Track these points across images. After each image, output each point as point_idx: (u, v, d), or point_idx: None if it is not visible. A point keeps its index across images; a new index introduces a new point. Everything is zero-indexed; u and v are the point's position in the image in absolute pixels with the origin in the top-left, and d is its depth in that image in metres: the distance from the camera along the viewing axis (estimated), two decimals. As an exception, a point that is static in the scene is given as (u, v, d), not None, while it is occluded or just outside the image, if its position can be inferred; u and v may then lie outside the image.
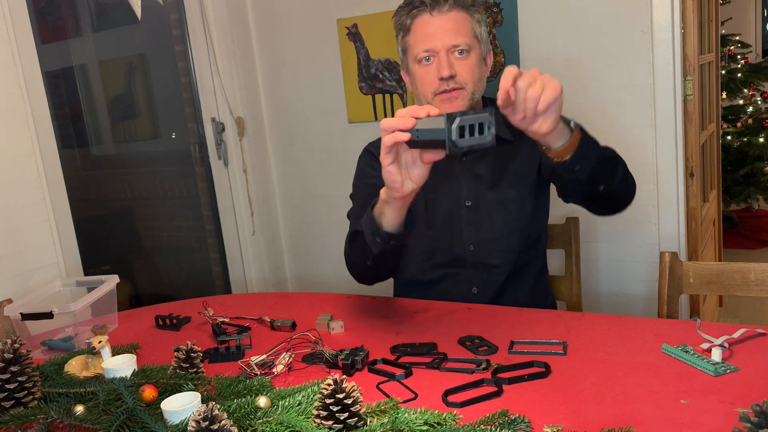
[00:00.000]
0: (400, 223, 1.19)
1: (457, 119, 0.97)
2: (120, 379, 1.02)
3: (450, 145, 0.98)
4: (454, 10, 1.40)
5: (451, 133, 0.97)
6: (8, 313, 1.43)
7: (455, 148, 0.98)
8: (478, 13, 1.45)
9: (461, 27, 1.41)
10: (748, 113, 4.51)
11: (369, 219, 1.23)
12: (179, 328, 1.46)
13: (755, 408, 0.71)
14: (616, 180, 1.31)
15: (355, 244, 1.35)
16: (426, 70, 1.42)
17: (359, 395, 0.87)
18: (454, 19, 1.40)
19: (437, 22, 1.40)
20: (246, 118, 2.80)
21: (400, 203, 1.15)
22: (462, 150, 0.99)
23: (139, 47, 3.33)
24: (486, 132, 0.99)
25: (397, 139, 1.04)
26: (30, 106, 2.05)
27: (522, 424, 0.86)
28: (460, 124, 0.97)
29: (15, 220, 2.01)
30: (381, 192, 1.18)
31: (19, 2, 2.04)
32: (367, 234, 1.24)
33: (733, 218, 4.59)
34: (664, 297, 1.47)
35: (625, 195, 1.38)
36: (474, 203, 1.52)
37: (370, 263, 1.32)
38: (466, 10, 1.42)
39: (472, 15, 1.43)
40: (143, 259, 3.66)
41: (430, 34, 1.41)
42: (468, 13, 1.42)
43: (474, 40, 1.43)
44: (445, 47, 1.39)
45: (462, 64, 1.40)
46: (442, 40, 1.39)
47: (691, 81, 2.20)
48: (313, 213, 2.89)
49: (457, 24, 1.40)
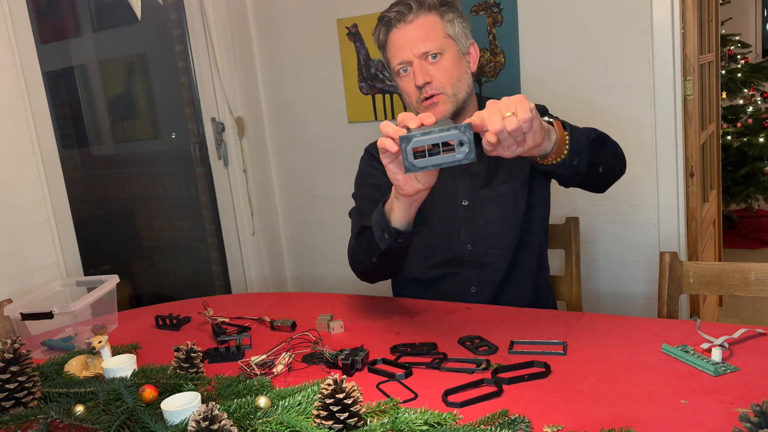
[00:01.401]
0: (409, 221, 1.20)
1: (412, 140, 0.95)
2: (120, 379, 1.02)
3: (408, 164, 0.96)
4: (421, 15, 1.41)
5: (406, 153, 0.95)
6: (8, 313, 1.43)
7: (413, 168, 0.96)
8: (450, 12, 1.44)
9: (430, 32, 1.41)
10: (748, 113, 4.51)
11: (379, 215, 1.23)
12: (179, 328, 1.47)
13: (755, 408, 0.71)
14: (610, 157, 1.33)
15: (362, 239, 1.36)
16: (406, 81, 1.44)
17: (359, 395, 0.87)
18: (421, 25, 1.41)
19: (406, 33, 1.41)
20: (246, 118, 2.80)
21: (408, 201, 1.15)
22: (420, 170, 0.97)
23: (139, 47, 3.33)
24: (457, 149, 0.96)
25: (385, 146, 1.04)
26: (30, 106, 2.05)
27: (522, 424, 0.86)
28: (414, 145, 0.95)
29: (15, 220, 2.01)
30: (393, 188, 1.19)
31: (19, 2, 2.04)
32: (376, 229, 1.25)
33: (733, 218, 4.59)
34: (664, 297, 1.47)
35: (620, 164, 1.40)
36: (470, 202, 1.52)
37: (376, 260, 1.32)
38: (434, 12, 1.42)
39: (442, 15, 1.42)
40: (143, 259, 3.66)
41: (401, 46, 1.42)
42: (437, 13, 1.42)
43: (446, 40, 1.42)
44: (416, 55, 1.40)
45: (436, 68, 1.41)
46: (412, 49, 1.40)
47: (691, 81, 2.20)
48: (313, 213, 2.89)
49: (426, 30, 1.41)
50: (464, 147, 0.96)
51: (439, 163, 0.97)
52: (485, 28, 2.33)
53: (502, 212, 1.51)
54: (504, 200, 1.51)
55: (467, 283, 1.54)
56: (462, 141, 0.95)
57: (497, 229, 1.51)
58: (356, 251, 1.41)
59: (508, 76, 2.33)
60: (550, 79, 2.27)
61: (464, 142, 0.95)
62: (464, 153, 0.96)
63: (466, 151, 0.96)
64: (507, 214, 1.51)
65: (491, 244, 1.52)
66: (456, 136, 0.95)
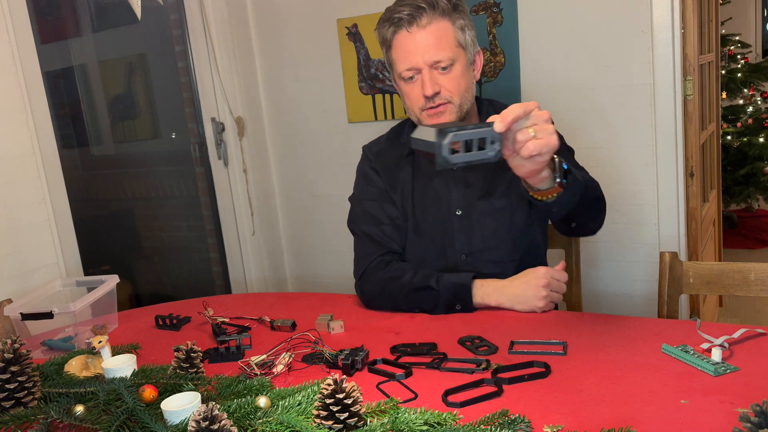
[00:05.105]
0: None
1: (449, 135, 0.95)
2: (120, 379, 1.02)
3: (441, 161, 0.96)
4: (434, 21, 1.36)
5: (441, 148, 0.95)
6: (8, 313, 1.43)
7: (447, 164, 0.96)
8: (461, 18, 1.40)
9: (442, 40, 1.36)
10: (748, 113, 4.51)
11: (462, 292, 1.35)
12: (179, 328, 1.46)
13: (755, 408, 0.71)
14: (590, 220, 1.35)
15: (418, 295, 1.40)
16: (411, 87, 1.41)
17: (359, 395, 0.87)
18: (434, 32, 1.36)
19: (417, 38, 1.37)
20: (246, 118, 2.80)
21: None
22: (456, 166, 0.97)
23: (139, 47, 3.33)
24: (488, 147, 0.98)
25: None
26: (30, 106, 2.05)
27: (522, 424, 0.86)
28: (452, 140, 0.95)
29: (15, 220, 2.01)
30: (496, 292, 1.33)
31: (19, 2, 2.04)
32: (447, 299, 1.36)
33: (733, 218, 4.59)
34: (664, 297, 1.47)
35: (596, 227, 1.41)
36: (464, 212, 1.49)
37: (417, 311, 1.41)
38: (447, 18, 1.37)
39: (454, 22, 1.38)
40: (143, 259, 3.66)
41: (410, 52, 1.37)
42: (449, 20, 1.37)
43: (458, 50, 1.39)
44: (427, 64, 1.37)
45: (446, 78, 1.38)
46: (423, 57, 1.36)
47: (691, 81, 2.20)
48: (313, 213, 2.89)
49: (438, 38, 1.36)
50: (495, 144, 0.99)
51: (471, 160, 0.98)
52: (485, 28, 2.33)
53: (498, 226, 1.47)
54: (500, 214, 1.47)
55: None
56: (494, 139, 0.98)
57: (493, 243, 1.48)
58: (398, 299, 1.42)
59: (508, 76, 2.33)
60: (550, 79, 2.27)
61: (495, 140, 0.98)
62: (495, 150, 0.99)
63: (497, 149, 0.99)
64: (503, 228, 1.47)
65: (488, 256, 1.48)
66: (489, 134, 0.97)
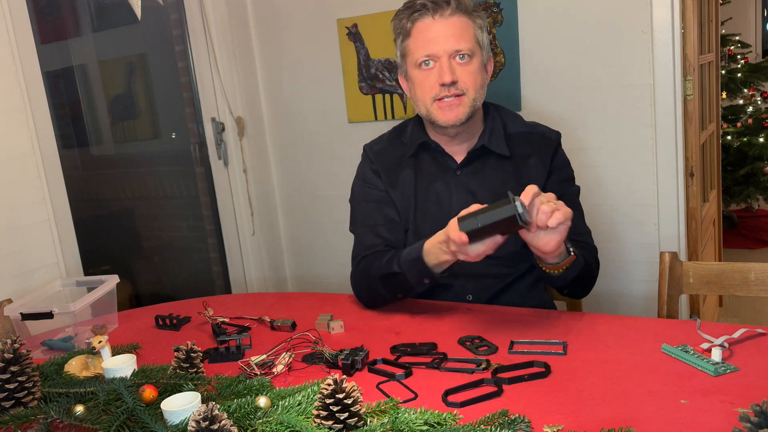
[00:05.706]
0: None
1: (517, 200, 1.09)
2: (120, 379, 1.02)
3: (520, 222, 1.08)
4: (457, 14, 1.38)
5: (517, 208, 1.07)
6: (8, 313, 1.43)
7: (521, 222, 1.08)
8: (480, 19, 1.42)
9: (464, 32, 1.38)
10: (748, 113, 4.51)
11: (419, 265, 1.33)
12: (179, 328, 1.46)
13: (755, 408, 0.71)
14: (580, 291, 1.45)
15: (390, 282, 1.41)
16: (426, 75, 1.40)
17: (359, 395, 0.87)
18: (456, 24, 1.38)
19: (439, 27, 1.38)
20: (246, 118, 2.80)
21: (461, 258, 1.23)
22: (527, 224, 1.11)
23: (139, 47, 3.33)
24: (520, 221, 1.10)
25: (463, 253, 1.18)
26: (30, 106, 2.05)
27: (522, 424, 0.86)
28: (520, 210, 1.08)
29: (15, 220, 2.01)
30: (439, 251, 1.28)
31: (19, 2, 2.04)
32: (413, 276, 1.35)
33: (733, 218, 4.59)
34: (664, 297, 1.47)
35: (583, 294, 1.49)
36: None
37: (402, 296, 1.43)
38: (468, 15, 1.40)
39: (474, 20, 1.41)
40: (143, 259, 3.66)
41: (431, 39, 1.38)
42: (470, 18, 1.40)
43: (476, 46, 1.40)
44: (447, 52, 1.37)
45: (464, 69, 1.38)
46: (444, 45, 1.37)
47: (691, 81, 2.20)
48: (313, 213, 2.89)
49: (460, 29, 1.38)
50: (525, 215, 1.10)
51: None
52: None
53: None
54: None
55: (463, 292, 1.50)
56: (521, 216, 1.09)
57: None
58: (377, 290, 1.44)
59: (508, 76, 2.33)
60: (550, 79, 2.27)
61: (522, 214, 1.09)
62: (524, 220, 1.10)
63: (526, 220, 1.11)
64: None
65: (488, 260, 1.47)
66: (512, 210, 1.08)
